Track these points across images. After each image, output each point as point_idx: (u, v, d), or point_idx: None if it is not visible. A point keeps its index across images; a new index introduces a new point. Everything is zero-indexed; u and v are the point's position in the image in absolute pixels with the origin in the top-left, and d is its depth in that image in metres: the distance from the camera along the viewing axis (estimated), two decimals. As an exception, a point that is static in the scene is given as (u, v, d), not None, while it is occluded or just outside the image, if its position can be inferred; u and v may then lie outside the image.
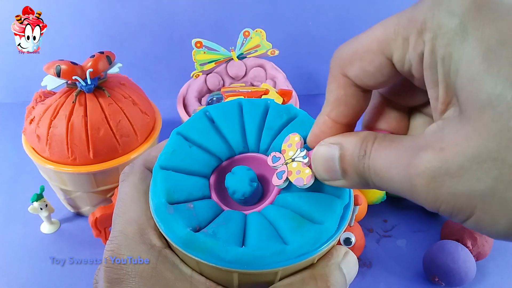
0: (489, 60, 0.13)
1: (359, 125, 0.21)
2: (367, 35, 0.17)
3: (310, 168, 0.20)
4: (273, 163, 0.22)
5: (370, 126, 0.20)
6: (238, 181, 0.22)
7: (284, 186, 0.21)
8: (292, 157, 0.21)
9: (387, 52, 0.16)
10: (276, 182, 0.21)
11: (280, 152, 0.22)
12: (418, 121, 0.20)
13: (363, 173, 0.17)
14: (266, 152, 0.24)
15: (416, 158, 0.14)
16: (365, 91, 0.18)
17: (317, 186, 0.21)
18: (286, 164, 0.21)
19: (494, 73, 0.13)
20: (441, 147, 0.14)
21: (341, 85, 0.18)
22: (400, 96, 0.19)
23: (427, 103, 0.19)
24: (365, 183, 0.17)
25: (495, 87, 0.12)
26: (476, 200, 0.13)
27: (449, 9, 0.14)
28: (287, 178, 0.21)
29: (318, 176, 0.19)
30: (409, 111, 0.20)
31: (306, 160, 0.20)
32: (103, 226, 0.49)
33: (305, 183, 0.20)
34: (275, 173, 0.22)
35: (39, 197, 0.50)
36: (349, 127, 0.19)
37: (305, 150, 0.21)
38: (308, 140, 0.21)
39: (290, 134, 0.22)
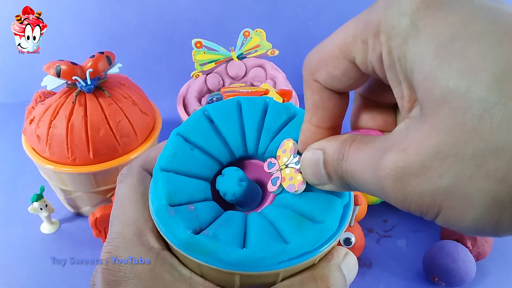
0: (441, 55, 0.13)
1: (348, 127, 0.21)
2: (329, 40, 0.17)
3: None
4: (268, 169, 0.22)
5: (357, 126, 0.21)
6: (227, 182, 0.22)
7: (278, 192, 0.22)
8: (286, 163, 0.22)
9: (349, 56, 0.16)
10: (271, 188, 0.22)
11: (276, 158, 0.22)
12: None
13: (343, 177, 0.17)
14: (264, 154, 0.24)
15: (383, 159, 0.14)
16: (341, 93, 0.18)
17: None
18: (280, 170, 0.22)
19: (446, 68, 0.12)
20: (404, 147, 0.14)
21: (315, 90, 0.18)
22: (378, 95, 0.20)
23: None
24: (347, 187, 0.17)
25: (448, 82, 0.12)
26: (441, 197, 0.13)
27: (400, 9, 0.14)
28: (280, 185, 0.21)
29: (308, 181, 0.20)
30: (394, 107, 0.20)
31: (298, 166, 0.21)
32: (103, 226, 0.49)
33: (296, 190, 0.20)
34: (270, 179, 0.22)
35: (39, 197, 0.50)
36: (333, 130, 0.19)
37: (298, 156, 0.21)
38: (298, 147, 0.21)
39: (284, 140, 0.22)
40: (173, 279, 0.20)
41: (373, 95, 0.20)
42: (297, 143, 0.22)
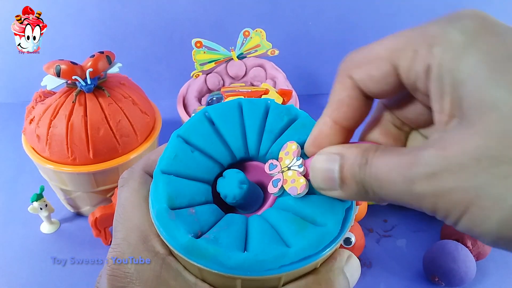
0: (494, 70, 0.14)
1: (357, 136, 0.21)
2: (378, 43, 0.18)
3: (305, 177, 0.20)
4: (269, 171, 0.22)
5: (366, 138, 0.21)
6: (228, 184, 0.22)
7: (279, 194, 0.22)
8: (288, 166, 0.21)
9: (395, 61, 0.17)
10: (272, 190, 0.22)
11: (277, 160, 0.22)
12: (415, 142, 0.20)
13: (363, 181, 0.17)
14: (265, 156, 0.24)
15: (417, 156, 0.15)
16: (368, 98, 0.19)
17: None
18: (282, 172, 0.21)
19: (498, 80, 0.13)
20: (442, 146, 0.14)
21: (346, 87, 0.18)
22: (402, 110, 0.20)
23: (427, 123, 0.20)
24: (364, 192, 0.17)
25: (498, 91, 0.13)
26: (472, 194, 0.14)
27: (460, 27, 0.15)
28: (282, 186, 0.21)
29: (315, 185, 0.20)
30: (407, 131, 0.21)
31: (301, 169, 0.21)
32: (103, 226, 0.50)
33: (298, 192, 0.20)
34: (271, 181, 0.22)
35: (39, 197, 0.50)
36: (348, 132, 0.19)
37: (301, 159, 0.21)
38: (306, 143, 0.21)
39: (287, 142, 0.22)
40: (179, 286, 0.20)
41: (396, 110, 0.20)
42: (300, 146, 0.22)
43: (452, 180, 0.14)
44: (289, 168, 0.21)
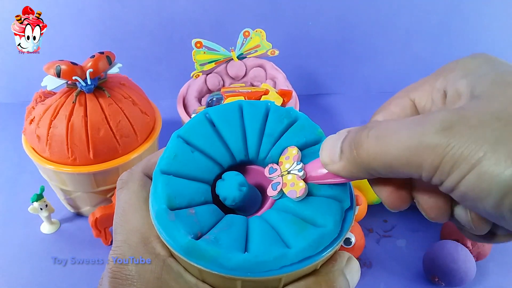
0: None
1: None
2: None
3: (305, 181, 0.21)
4: (269, 174, 0.22)
5: None
6: (227, 186, 0.22)
7: (278, 197, 0.22)
8: (288, 170, 0.22)
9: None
10: (271, 193, 0.22)
11: (277, 164, 0.23)
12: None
13: (358, 141, 0.17)
14: (265, 160, 0.24)
15: (433, 114, 0.15)
16: None
17: (319, 191, 0.21)
18: (282, 176, 0.22)
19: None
20: (461, 108, 0.15)
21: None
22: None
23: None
24: (357, 161, 0.17)
25: None
26: (486, 146, 0.14)
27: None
28: (281, 190, 0.21)
29: (322, 160, 0.20)
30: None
31: (301, 174, 0.21)
32: (103, 226, 0.50)
33: (297, 196, 0.21)
34: (270, 184, 0.22)
35: (39, 197, 0.50)
36: None
37: (301, 164, 0.22)
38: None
39: (288, 147, 0.23)
40: (179, 287, 0.20)
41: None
42: (300, 150, 0.22)
43: (468, 132, 0.14)
44: (289, 172, 0.22)
